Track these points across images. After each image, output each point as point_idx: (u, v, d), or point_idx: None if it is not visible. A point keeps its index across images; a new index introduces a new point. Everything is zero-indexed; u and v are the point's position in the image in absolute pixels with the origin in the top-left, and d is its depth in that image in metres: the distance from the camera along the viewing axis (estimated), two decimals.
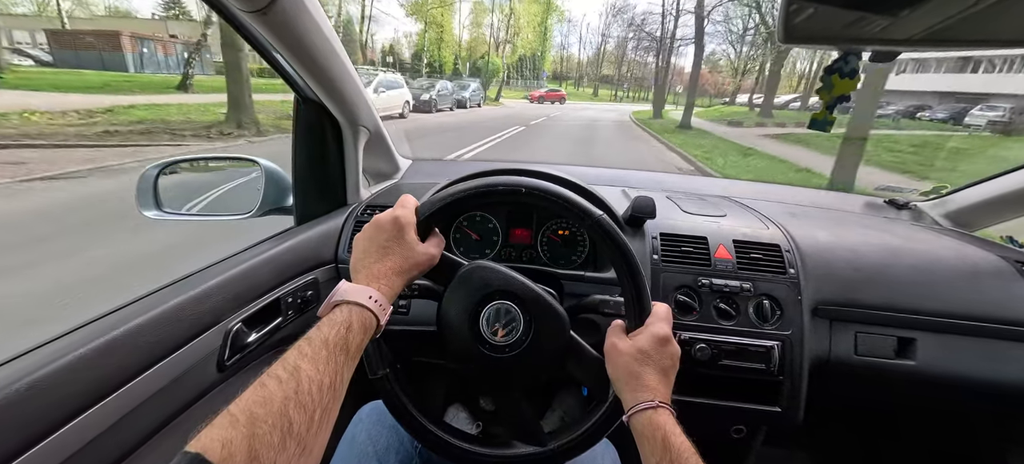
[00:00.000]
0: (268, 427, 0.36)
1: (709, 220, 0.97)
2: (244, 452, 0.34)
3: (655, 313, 0.60)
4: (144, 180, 0.93)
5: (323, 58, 0.78)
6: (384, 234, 0.57)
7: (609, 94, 67.33)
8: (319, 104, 0.90)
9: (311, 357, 0.43)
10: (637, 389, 0.54)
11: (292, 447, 0.37)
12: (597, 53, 75.03)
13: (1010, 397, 0.88)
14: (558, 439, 0.62)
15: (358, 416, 0.81)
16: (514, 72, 53.78)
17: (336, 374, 0.44)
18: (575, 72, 78.06)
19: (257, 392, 0.38)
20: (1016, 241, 1.11)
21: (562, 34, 74.68)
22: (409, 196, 0.63)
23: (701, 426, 0.95)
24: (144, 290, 0.67)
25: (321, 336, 0.46)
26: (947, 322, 0.85)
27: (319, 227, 0.95)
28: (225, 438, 0.34)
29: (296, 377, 0.40)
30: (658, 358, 0.56)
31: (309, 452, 0.39)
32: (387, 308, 0.53)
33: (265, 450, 0.35)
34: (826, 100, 0.69)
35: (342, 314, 0.49)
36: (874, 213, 1.27)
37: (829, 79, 0.67)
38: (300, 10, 0.66)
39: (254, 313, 0.76)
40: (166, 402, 0.62)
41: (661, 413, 0.52)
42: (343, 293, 0.51)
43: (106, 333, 0.55)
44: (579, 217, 0.59)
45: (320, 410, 0.41)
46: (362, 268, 0.56)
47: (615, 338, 0.59)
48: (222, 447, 0.33)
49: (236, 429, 0.35)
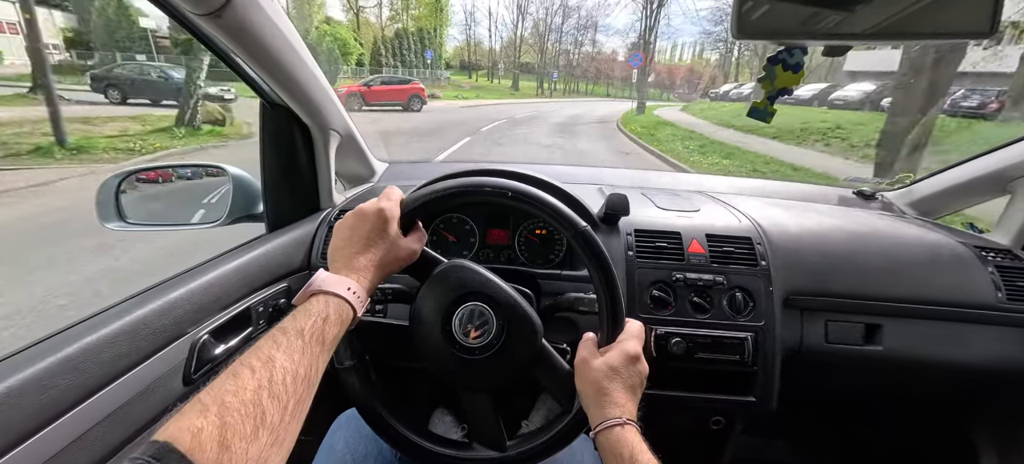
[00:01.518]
0: (240, 416, 0.35)
1: (682, 215, 0.98)
2: (215, 441, 0.32)
3: (627, 330, 0.60)
4: (104, 190, 0.89)
5: (285, 61, 0.76)
6: (367, 225, 0.56)
7: (532, 87, 51.84)
8: (286, 108, 0.88)
9: (286, 347, 0.42)
10: (605, 406, 0.54)
11: (264, 437, 0.36)
12: (513, 35, 59.53)
13: (971, 377, 0.91)
14: (519, 446, 0.63)
15: (336, 423, 0.80)
16: (391, 54, 37.46)
17: (310, 365, 0.43)
18: (487, 60, 61.49)
19: (229, 381, 0.37)
20: (976, 227, 1.15)
21: (466, 9, 62.40)
22: (395, 188, 0.62)
23: (680, 419, 0.98)
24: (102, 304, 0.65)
25: (296, 326, 0.45)
26: (911, 307, 0.88)
27: (291, 234, 0.93)
28: (195, 427, 0.33)
29: (269, 367, 0.40)
30: (627, 375, 0.56)
31: (281, 443, 0.38)
32: (365, 301, 0.53)
33: (237, 440, 0.34)
34: (768, 90, 0.70)
35: (319, 304, 0.48)
36: (843, 204, 1.30)
37: (772, 69, 0.67)
38: (256, 12, 0.65)
39: (223, 324, 0.74)
40: (128, 419, 0.59)
41: (628, 430, 0.52)
42: (321, 282, 0.50)
43: (59, 350, 0.53)
44: (564, 227, 0.60)
45: (293, 401, 0.40)
46: (341, 258, 0.55)
47: (586, 352, 0.59)
48: (191, 437, 0.32)
49: (206, 418, 0.33)
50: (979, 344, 0.89)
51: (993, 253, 0.95)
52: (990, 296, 0.88)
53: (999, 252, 0.95)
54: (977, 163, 1.13)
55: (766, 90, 0.70)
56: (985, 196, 1.15)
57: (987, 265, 0.92)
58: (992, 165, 1.10)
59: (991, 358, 0.89)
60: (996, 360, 0.88)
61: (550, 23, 58.19)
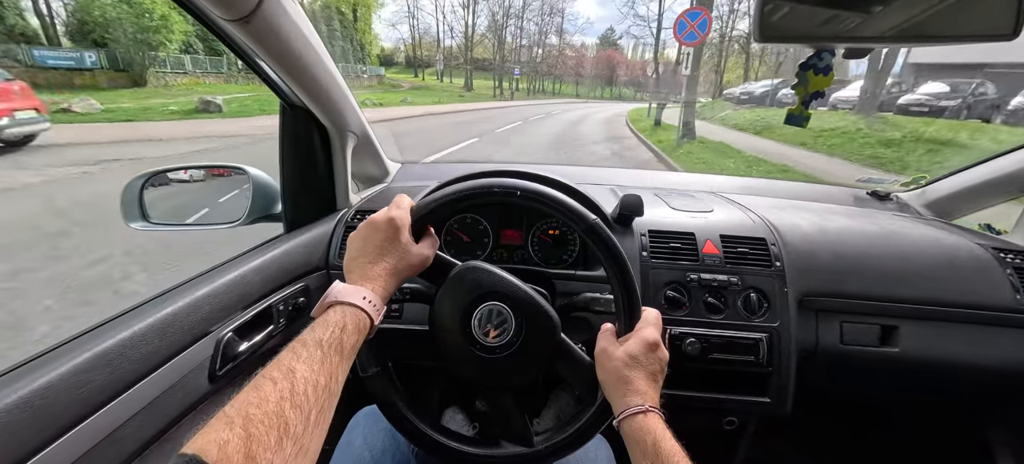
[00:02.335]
0: (264, 428, 0.36)
1: (696, 216, 0.98)
2: (241, 453, 0.33)
3: (645, 318, 0.61)
4: (129, 191, 0.92)
5: (308, 64, 0.78)
6: (379, 234, 0.57)
7: (487, 87, 41.57)
8: (305, 110, 0.90)
9: (305, 358, 0.43)
10: (627, 394, 0.55)
11: (289, 447, 0.37)
12: (464, 25, 46.75)
13: (988, 379, 0.90)
14: (547, 440, 0.63)
15: (354, 420, 0.81)
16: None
17: (331, 375, 0.44)
18: (438, 55, 47.47)
19: (252, 393, 0.38)
20: (993, 228, 1.14)
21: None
22: (404, 196, 0.63)
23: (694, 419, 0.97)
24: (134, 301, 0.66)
25: (315, 337, 0.46)
26: (927, 309, 0.88)
27: (309, 233, 0.94)
28: (221, 440, 0.34)
29: (291, 378, 0.41)
30: (647, 363, 0.57)
31: (306, 452, 0.39)
32: (381, 309, 0.53)
33: (262, 450, 0.35)
34: (801, 95, 0.70)
35: (336, 315, 0.49)
36: (857, 205, 1.29)
37: (804, 75, 0.68)
38: (283, 17, 0.66)
39: (245, 322, 0.76)
40: (158, 414, 0.61)
41: (651, 417, 0.52)
42: (337, 293, 0.51)
43: (97, 345, 0.55)
44: (573, 221, 0.60)
45: (316, 410, 0.41)
46: (356, 268, 0.56)
47: (605, 343, 0.60)
48: (218, 449, 0.33)
49: (232, 431, 0.35)
50: (997, 346, 0.88)
51: (1012, 254, 0.94)
52: (1008, 298, 0.87)
53: (1018, 254, 0.94)
54: (994, 164, 1.12)
55: (800, 96, 0.70)
56: (1002, 197, 1.14)
57: (1005, 267, 0.91)
58: (1009, 166, 1.09)
59: (1009, 361, 0.88)
60: (1014, 363, 0.88)
61: (509, 6, 47.42)
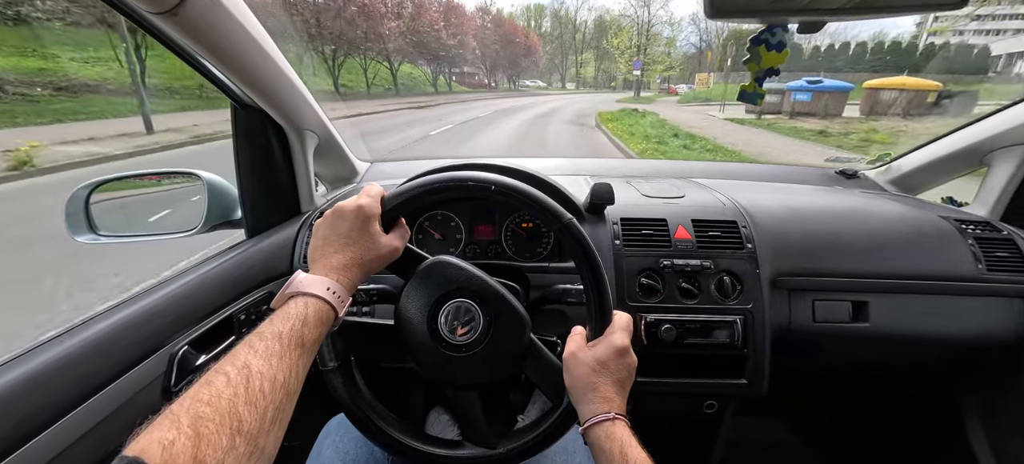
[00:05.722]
0: (215, 426, 0.33)
1: (668, 202, 0.98)
2: (188, 453, 0.31)
3: (615, 323, 0.59)
4: (74, 202, 0.85)
5: (252, 61, 0.73)
6: (346, 223, 0.55)
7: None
8: (258, 110, 0.86)
9: (263, 353, 0.41)
10: (594, 401, 0.54)
11: (242, 446, 0.34)
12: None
13: (957, 348, 0.93)
14: (508, 442, 0.62)
15: (325, 430, 0.79)
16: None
17: (290, 370, 0.42)
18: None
19: (202, 390, 0.36)
20: (955, 201, 1.17)
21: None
22: (375, 184, 0.60)
23: (674, 405, 0.98)
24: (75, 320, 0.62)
25: (273, 330, 0.44)
26: (896, 283, 0.89)
27: (271, 238, 0.90)
28: (166, 439, 0.31)
29: (245, 374, 0.38)
30: (615, 369, 0.56)
31: (262, 453, 0.37)
32: (346, 300, 0.52)
33: (211, 451, 0.32)
34: (754, 72, 0.69)
35: (297, 306, 0.47)
36: (826, 184, 1.31)
37: (756, 50, 0.66)
38: (216, 8, 0.62)
39: (203, 333, 0.72)
40: (103, 439, 0.57)
41: (618, 425, 0.51)
42: (299, 284, 0.49)
43: (23, 369, 0.51)
44: (549, 220, 0.59)
45: (273, 407, 0.38)
46: (320, 258, 0.53)
47: (574, 347, 0.59)
48: (163, 449, 0.30)
49: (179, 430, 0.32)
50: (963, 316, 0.90)
51: (972, 225, 0.96)
52: (971, 268, 0.90)
53: (977, 224, 0.97)
54: (955, 137, 1.15)
55: (752, 72, 0.69)
56: (963, 169, 1.17)
57: (967, 238, 0.93)
58: (969, 138, 1.11)
59: (975, 328, 0.90)
60: (979, 330, 0.90)
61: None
